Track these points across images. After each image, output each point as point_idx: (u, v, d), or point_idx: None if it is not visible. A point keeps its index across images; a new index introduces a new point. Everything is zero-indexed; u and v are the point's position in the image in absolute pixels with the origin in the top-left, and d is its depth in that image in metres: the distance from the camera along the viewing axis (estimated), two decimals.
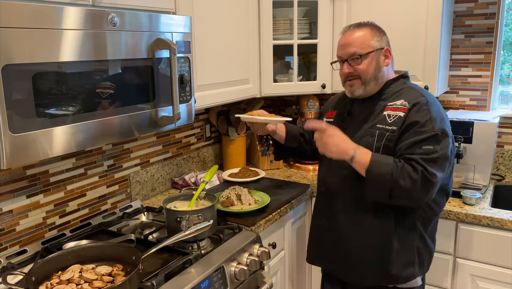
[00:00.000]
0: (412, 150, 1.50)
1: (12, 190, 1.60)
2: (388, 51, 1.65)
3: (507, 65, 2.50)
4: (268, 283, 1.68)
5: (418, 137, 1.50)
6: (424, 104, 1.55)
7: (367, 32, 1.63)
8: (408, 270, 1.62)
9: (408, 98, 1.59)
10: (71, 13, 1.22)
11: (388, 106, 1.61)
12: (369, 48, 1.61)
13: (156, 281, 1.32)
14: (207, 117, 2.57)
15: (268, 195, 2.03)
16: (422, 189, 1.47)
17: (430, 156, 1.48)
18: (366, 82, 1.63)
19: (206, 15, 1.92)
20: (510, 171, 2.43)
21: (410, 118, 1.54)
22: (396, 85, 1.66)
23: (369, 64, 1.62)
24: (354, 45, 1.62)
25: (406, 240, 1.61)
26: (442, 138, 1.51)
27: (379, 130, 1.59)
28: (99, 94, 1.35)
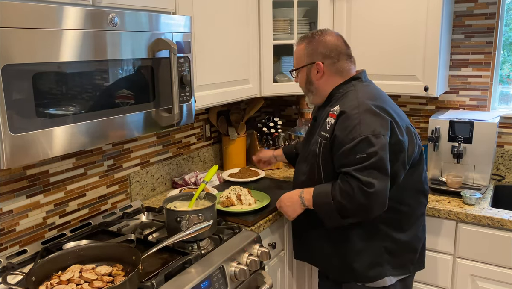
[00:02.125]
0: (344, 162, 1.52)
1: (12, 190, 1.60)
2: (319, 66, 1.66)
3: (507, 65, 2.50)
4: (268, 283, 1.68)
5: (348, 146, 1.50)
6: (352, 110, 1.54)
7: (303, 46, 1.71)
8: (374, 270, 1.64)
9: (342, 104, 1.59)
10: (71, 13, 1.22)
11: (330, 112, 1.63)
12: (301, 63, 1.72)
13: (156, 281, 1.32)
14: (207, 117, 2.57)
15: (268, 195, 2.03)
16: (365, 201, 1.47)
17: (364, 164, 1.47)
18: (306, 94, 1.77)
19: (206, 15, 1.92)
20: (510, 171, 2.43)
21: (338, 126, 1.55)
22: (344, 89, 1.66)
23: (301, 78, 1.74)
24: (293, 60, 1.78)
25: (368, 240, 1.64)
26: (375, 140, 1.47)
27: (320, 137, 1.63)
28: (99, 94, 1.35)
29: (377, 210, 1.52)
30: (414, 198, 1.67)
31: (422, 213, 1.75)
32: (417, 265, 1.74)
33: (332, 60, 1.67)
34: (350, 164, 1.49)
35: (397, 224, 1.66)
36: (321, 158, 1.63)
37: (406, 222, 1.68)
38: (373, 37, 2.31)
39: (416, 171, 1.66)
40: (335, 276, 1.76)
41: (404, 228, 1.67)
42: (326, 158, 1.60)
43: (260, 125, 2.73)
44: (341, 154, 1.53)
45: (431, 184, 2.20)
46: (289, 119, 3.06)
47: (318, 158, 1.64)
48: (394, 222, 1.65)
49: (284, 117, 3.07)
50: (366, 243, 1.64)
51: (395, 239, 1.65)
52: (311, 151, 1.68)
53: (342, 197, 1.50)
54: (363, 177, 1.46)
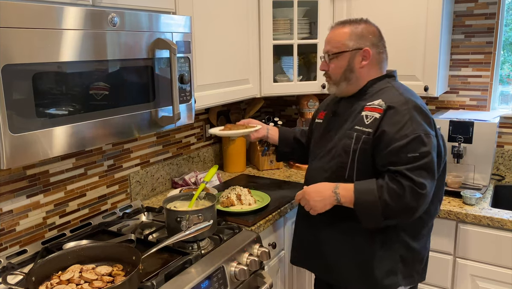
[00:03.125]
0: (396, 159, 1.42)
1: (12, 190, 1.60)
2: (367, 52, 1.56)
3: (507, 65, 2.50)
4: (268, 283, 1.68)
5: (399, 143, 1.42)
6: (402, 105, 1.47)
7: (347, 30, 1.57)
8: (390, 279, 1.57)
9: (386, 98, 1.51)
10: (71, 13, 1.22)
11: (367, 106, 1.54)
12: (343, 47, 1.56)
13: (156, 281, 1.32)
14: (207, 117, 2.57)
15: (268, 195, 2.03)
16: (414, 202, 1.41)
17: (417, 163, 1.40)
18: (337, 82, 1.61)
19: (206, 15, 1.92)
20: (510, 171, 2.43)
21: (386, 121, 1.46)
22: (379, 85, 1.59)
23: (341, 65, 1.58)
24: (330, 43, 1.60)
25: (388, 247, 1.56)
26: (427, 139, 1.42)
27: (356, 132, 1.52)
28: (99, 94, 1.35)
29: (421, 212, 1.45)
30: (434, 205, 1.59)
31: (433, 222, 1.69)
32: (422, 275, 1.68)
33: (378, 50, 1.59)
34: (401, 162, 1.41)
35: (415, 232, 1.59)
36: (357, 154, 1.51)
37: (421, 230, 1.61)
38: None
39: (440, 177, 1.58)
40: (345, 285, 1.66)
41: (418, 237, 1.60)
42: (365, 154, 1.49)
43: None
44: (390, 151, 1.43)
45: None
46: (289, 119, 3.06)
47: (353, 153, 1.52)
48: (412, 230, 1.58)
49: (284, 117, 3.07)
50: (385, 250, 1.56)
51: (410, 247, 1.58)
52: (341, 146, 1.55)
53: (390, 196, 1.40)
54: (416, 177, 1.38)
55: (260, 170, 2.62)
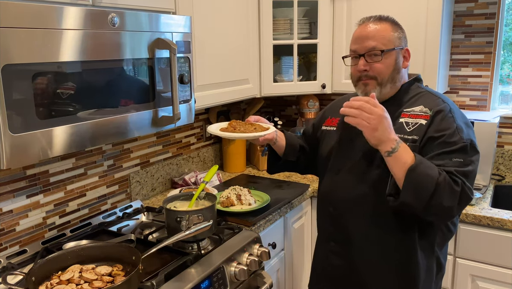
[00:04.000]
0: (442, 161, 1.31)
1: (12, 190, 1.60)
2: (407, 52, 1.47)
3: (507, 65, 2.50)
4: (268, 283, 1.68)
5: (447, 149, 1.32)
6: (448, 112, 1.38)
7: (390, 27, 1.44)
8: None
9: (429, 105, 1.41)
10: (71, 13, 1.22)
11: (405, 112, 1.43)
12: (391, 44, 1.41)
13: (156, 281, 1.32)
14: (207, 117, 2.57)
15: (268, 195, 2.03)
16: (460, 202, 1.29)
17: (463, 168, 1.30)
18: (383, 84, 1.43)
19: (206, 15, 1.92)
20: (510, 171, 2.43)
21: (434, 127, 1.36)
22: (412, 90, 1.48)
23: (389, 63, 1.42)
24: (375, 39, 1.40)
25: (428, 264, 1.45)
26: (471, 150, 1.34)
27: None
28: (99, 94, 1.35)
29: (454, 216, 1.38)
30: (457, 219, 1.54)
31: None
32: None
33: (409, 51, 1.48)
34: (448, 165, 1.30)
35: (442, 244, 1.50)
36: None
37: (446, 243, 1.52)
38: None
39: None
40: None
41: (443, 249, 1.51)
42: None
43: None
44: (437, 154, 1.33)
45: None
46: (289, 119, 3.06)
47: None
48: (443, 242, 1.49)
49: (284, 117, 3.07)
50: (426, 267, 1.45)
51: (439, 261, 1.49)
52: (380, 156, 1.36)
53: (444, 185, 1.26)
54: (466, 180, 1.29)
55: (260, 170, 2.62)
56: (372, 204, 1.43)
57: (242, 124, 1.61)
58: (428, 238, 1.43)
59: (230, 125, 1.61)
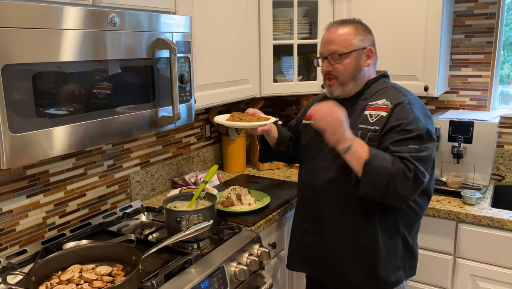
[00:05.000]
0: (398, 147, 1.46)
1: (12, 190, 1.60)
2: (371, 51, 1.60)
3: (507, 65, 2.50)
4: (268, 283, 1.68)
5: (403, 136, 1.47)
6: (407, 104, 1.52)
7: (351, 30, 1.58)
8: (396, 275, 1.60)
9: (390, 98, 1.55)
10: (71, 13, 1.22)
11: (369, 106, 1.57)
12: (350, 47, 1.56)
13: (156, 281, 1.32)
14: (207, 117, 2.57)
15: (268, 195, 2.03)
16: (414, 187, 1.44)
17: (418, 154, 1.45)
18: (344, 83, 1.58)
19: (206, 15, 1.92)
20: (510, 171, 2.43)
21: (393, 118, 1.50)
22: (377, 85, 1.62)
23: (349, 64, 1.56)
24: (336, 43, 1.56)
25: (392, 244, 1.58)
26: (427, 138, 1.48)
27: (361, 130, 1.54)
28: (99, 94, 1.35)
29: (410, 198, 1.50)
30: (422, 200, 1.63)
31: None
32: (412, 271, 1.70)
33: (375, 50, 1.63)
34: (403, 151, 1.44)
35: (410, 226, 1.62)
36: None
37: (415, 224, 1.65)
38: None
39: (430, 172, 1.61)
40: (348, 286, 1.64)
41: (412, 231, 1.65)
42: None
43: None
44: (393, 142, 1.47)
45: None
46: (289, 119, 3.04)
47: None
48: (409, 224, 1.61)
49: (284, 117, 3.07)
50: (389, 247, 1.58)
51: (407, 242, 1.62)
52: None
53: (398, 173, 1.41)
54: (418, 164, 1.43)
55: (260, 170, 2.63)
56: (340, 188, 1.58)
57: (245, 115, 1.81)
58: (389, 219, 1.57)
59: (235, 116, 1.79)
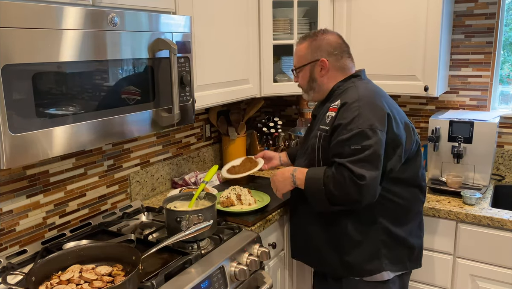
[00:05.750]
0: (340, 151, 1.54)
1: (12, 190, 1.60)
2: (324, 62, 1.71)
3: (507, 65, 2.50)
4: (268, 283, 1.68)
5: (343, 136, 1.53)
6: (352, 103, 1.58)
7: (304, 45, 1.76)
8: (372, 263, 1.65)
9: (344, 98, 1.62)
10: (71, 13, 1.22)
11: (330, 107, 1.66)
12: (303, 61, 1.75)
13: (156, 281, 1.32)
14: (207, 117, 2.57)
15: (268, 195, 2.03)
16: (354, 192, 1.51)
17: (358, 156, 1.50)
18: (307, 92, 1.80)
19: (206, 15, 1.92)
20: (510, 171, 2.43)
21: (338, 118, 1.59)
22: (344, 86, 1.70)
23: (303, 77, 1.77)
24: (294, 59, 1.81)
25: (366, 233, 1.65)
26: (371, 134, 1.51)
27: (320, 131, 1.66)
28: (99, 94, 1.35)
29: (365, 201, 1.54)
30: (409, 192, 1.69)
31: (420, 210, 1.77)
32: (414, 262, 1.75)
33: (336, 57, 1.72)
34: (345, 154, 1.52)
35: (395, 218, 1.67)
36: (320, 151, 1.65)
37: (403, 216, 1.70)
38: (373, 37, 2.31)
39: (411, 165, 1.69)
40: (332, 272, 1.76)
41: (401, 222, 1.69)
42: (325, 150, 1.63)
43: (260, 125, 2.73)
44: (336, 143, 1.55)
45: (431, 184, 2.21)
46: (289, 119, 3.06)
47: (317, 151, 1.66)
48: (392, 215, 1.67)
49: (284, 117, 3.07)
50: (363, 236, 1.65)
51: (392, 233, 1.67)
52: (310, 146, 1.71)
53: (333, 186, 1.53)
54: (356, 169, 1.49)
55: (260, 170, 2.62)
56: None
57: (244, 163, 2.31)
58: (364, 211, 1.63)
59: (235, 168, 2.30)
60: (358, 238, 1.65)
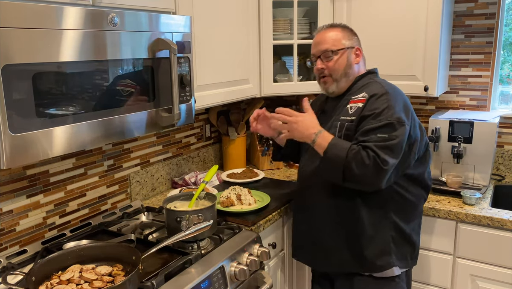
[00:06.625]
0: (367, 136, 1.55)
1: (12, 190, 1.60)
2: (358, 50, 1.75)
3: (507, 65, 2.50)
4: (268, 283, 1.68)
5: (373, 125, 1.55)
6: (382, 95, 1.61)
7: (339, 32, 1.73)
8: (382, 259, 1.66)
9: (370, 91, 1.65)
10: (71, 13, 1.22)
11: (352, 99, 1.68)
12: (340, 46, 1.71)
13: (156, 281, 1.32)
14: (207, 117, 2.57)
15: (268, 195, 2.03)
16: (373, 174, 1.52)
17: (384, 142, 1.52)
18: (337, 79, 1.72)
19: (206, 15, 1.92)
20: (510, 171, 2.43)
21: (367, 108, 1.60)
22: (363, 81, 1.73)
23: (340, 61, 1.71)
24: (327, 43, 1.72)
25: (378, 228, 1.66)
26: (398, 126, 1.55)
27: (340, 122, 1.66)
28: (99, 94, 1.35)
29: (378, 186, 1.56)
30: (417, 190, 1.72)
31: (422, 209, 1.80)
32: (414, 260, 1.77)
33: (362, 50, 1.77)
34: (371, 140, 1.54)
35: (404, 214, 1.69)
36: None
37: (411, 213, 1.72)
38: (373, 37, 2.31)
39: (421, 165, 1.71)
40: (341, 270, 1.74)
41: (408, 219, 1.71)
42: (348, 139, 1.61)
43: None
44: (363, 131, 1.56)
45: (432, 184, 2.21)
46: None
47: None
48: (401, 211, 1.68)
49: None
50: (376, 231, 1.65)
51: (400, 229, 1.68)
52: None
53: (355, 161, 1.52)
54: (381, 153, 1.51)
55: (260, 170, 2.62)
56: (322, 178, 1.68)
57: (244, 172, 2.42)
58: (373, 202, 1.64)
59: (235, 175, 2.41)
60: (371, 232, 1.65)
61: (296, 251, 1.89)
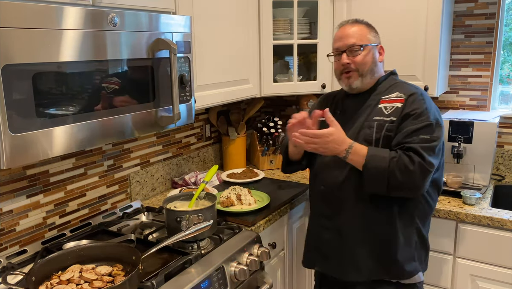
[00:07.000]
0: (410, 138, 1.52)
1: (12, 190, 1.60)
2: (382, 49, 1.71)
3: (507, 65, 2.50)
4: (268, 283, 1.68)
5: (415, 126, 1.53)
6: (419, 95, 1.60)
7: (364, 27, 1.69)
8: (411, 265, 1.63)
9: (403, 91, 1.63)
10: (71, 13, 1.22)
11: (383, 99, 1.64)
12: (367, 41, 1.66)
13: (156, 281, 1.32)
14: (207, 117, 2.57)
15: (268, 195, 2.03)
16: (420, 178, 1.50)
17: (428, 144, 1.51)
18: (364, 75, 1.65)
19: (206, 15, 1.92)
20: (510, 171, 2.43)
21: (407, 108, 1.57)
22: (388, 81, 1.70)
23: (367, 56, 1.65)
24: (354, 37, 1.65)
25: (407, 234, 1.62)
26: (436, 128, 1.55)
27: (377, 122, 1.60)
28: (99, 94, 1.35)
29: (422, 189, 1.53)
30: (435, 194, 1.70)
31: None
32: (426, 264, 1.73)
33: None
34: (414, 141, 1.51)
35: (425, 219, 1.68)
36: (380, 142, 1.58)
37: (428, 218, 1.71)
38: None
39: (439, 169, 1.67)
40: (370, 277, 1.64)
41: (427, 224, 1.70)
42: (389, 141, 1.57)
43: (260, 125, 2.73)
44: (405, 132, 1.54)
45: None
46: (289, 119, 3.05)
47: (376, 142, 1.59)
48: (423, 216, 1.66)
49: (284, 117, 3.06)
50: (405, 237, 1.62)
51: (421, 234, 1.67)
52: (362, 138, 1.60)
53: (399, 168, 1.48)
54: (426, 155, 1.49)
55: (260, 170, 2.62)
56: (354, 183, 1.61)
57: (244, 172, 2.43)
58: (407, 209, 1.61)
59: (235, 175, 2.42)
60: (402, 239, 1.61)
61: (318, 261, 1.77)
